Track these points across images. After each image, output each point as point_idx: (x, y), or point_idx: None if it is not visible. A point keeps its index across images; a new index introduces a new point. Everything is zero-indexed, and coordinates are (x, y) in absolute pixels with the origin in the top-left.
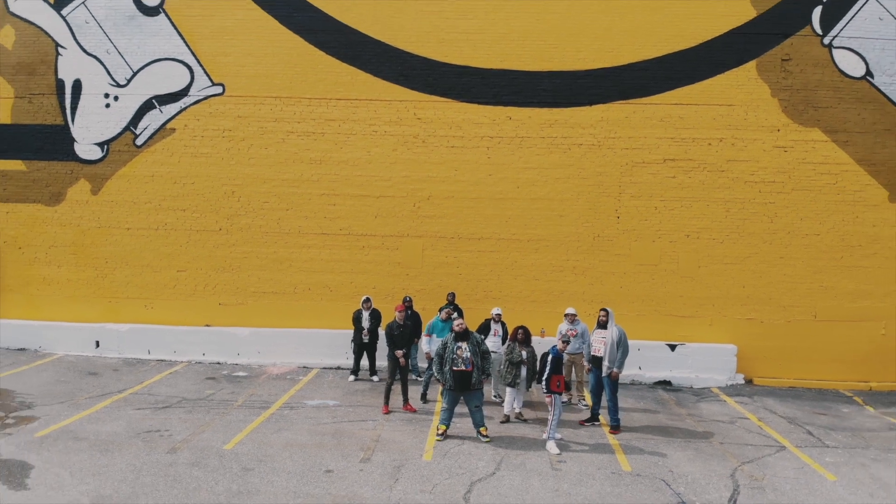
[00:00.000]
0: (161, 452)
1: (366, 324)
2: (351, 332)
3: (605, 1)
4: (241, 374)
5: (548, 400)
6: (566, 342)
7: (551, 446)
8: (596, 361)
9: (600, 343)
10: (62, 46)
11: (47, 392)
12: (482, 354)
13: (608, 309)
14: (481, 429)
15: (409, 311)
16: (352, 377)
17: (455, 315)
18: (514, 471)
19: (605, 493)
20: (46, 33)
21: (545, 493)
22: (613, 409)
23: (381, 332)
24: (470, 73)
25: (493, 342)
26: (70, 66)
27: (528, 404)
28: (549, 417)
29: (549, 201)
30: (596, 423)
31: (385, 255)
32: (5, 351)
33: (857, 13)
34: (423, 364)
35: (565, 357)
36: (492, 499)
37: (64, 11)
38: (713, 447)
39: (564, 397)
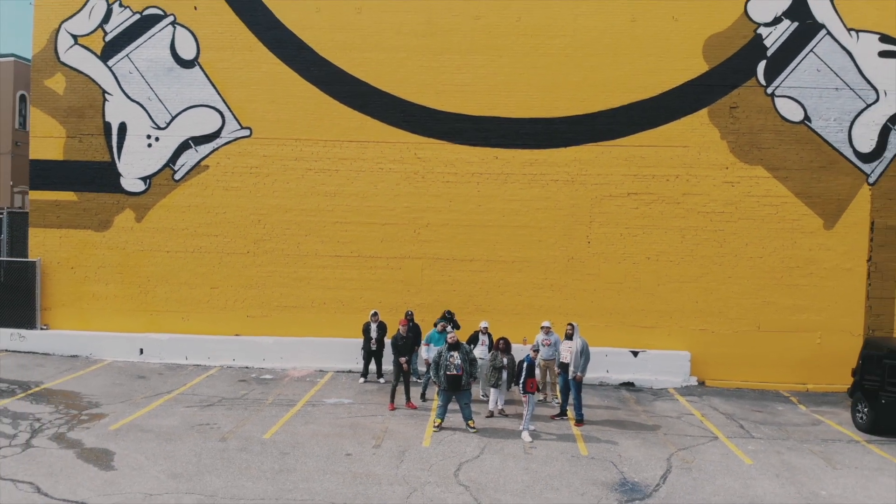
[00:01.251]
0: (214, 441)
1: (374, 334)
2: (361, 340)
3: (578, 58)
4: (267, 376)
5: (523, 399)
6: (536, 351)
7: (525, 436)
8: (563, 367)
9: (567, 352)
10: (108, 93)
11: (107, 393)
12: (470, 361)
13: (574, 323)
14: (469, 422)
15: (411, 324)
16: (361, 379)
17: (449, 328)
18: (494, 454)
19: (564, 471)
20: (94, 81)
21: (517, 471)
22: (578, 406)
23: (387, 340)
24: (463, 119)
25: (480, 350)
26: (116, 111)
27: (509, 402)
28: (524, 413)
29: (530, 229)
30: (564, 417)
31: (389, 274)
32: (59, 358)
33: (797, 66)
34: (422, 368)
35: (539, 363)
36: (476, 475)
37: (110, 62)
38: (658, 437)
39: (540, 396)
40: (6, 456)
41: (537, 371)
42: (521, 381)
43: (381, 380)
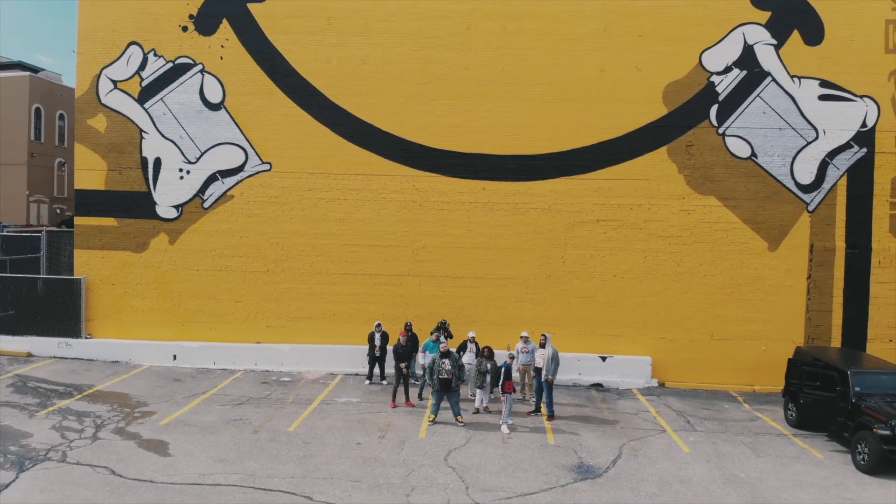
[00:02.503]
0: (247, 433)
1: (377, 342)
2: (366, 347)
3: (554, 103)
4: (286, 379)
5: (503, 398)
6: (513, 357)
7: (504, 428)
8: (538, 371)
9: (540, 358)
10: (145, 132)
11: (151, 394)
12: (459, 367)
13: (546, 334)
14: (458, 417)
15: (409, 334)
16: (367, 381)
17: (443, 338)
18: (478, 443)
19: (533, 457)
20: (132, 121)
21: (495, 456)
22: (549, 404)
23: (389, 348)
24: (454, 155)
25: (468, 357)
26: (152, 147)
27: (493, 401)
28: (503, 410)
29: (513, 250)
30: (538, 413)
31: (391, 290)
32: (103, 363)
33: (745, 109)
34: (419, 372)
35: (518, 367)
36: (462, 460)
37: (146, 105)
38: (615, 430)
39: (518, 395)
40: (80, 447)
41: (516, 374)
42: (500, 383)
43: (384, 382)
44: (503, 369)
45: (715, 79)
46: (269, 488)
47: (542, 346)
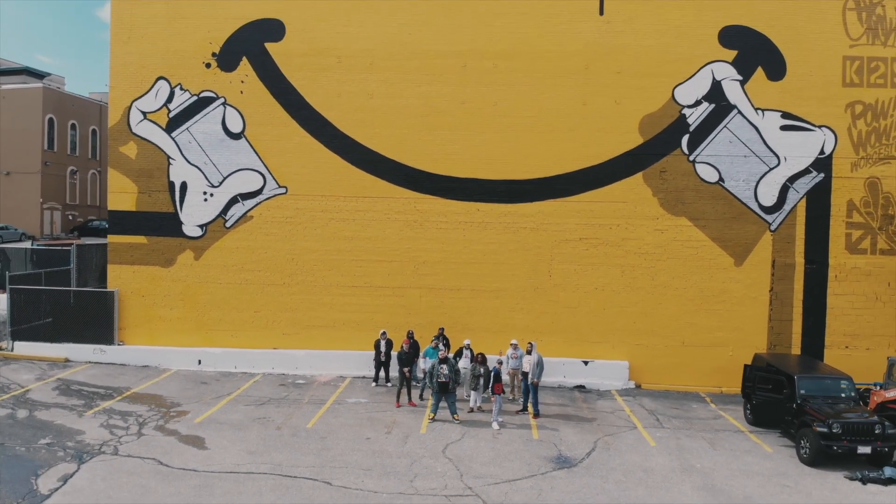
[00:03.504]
0: (271, 429)
1: (383, 348)
2: (373, 353)
3: (541, 133)
4: (300, 381)
5: (493, 399)
6: (500, 363)
7: (494, 425)
8: (525, 375)
9: (527, 363)
10: (172, 158)
11: (183, 395)
12: (455, 372)
13: (532, 342)
14: (455, 415)
15: (411, 341)
16: (373, 384)
17: (441, 346)
18: (471, 438)
19: (519, 449)
20: (160, 149)
21: (486, 449)
22: (535, 404)
23: (393, 354)
24: (452, 180)
25: (464, 362)
26: (178, 172)
27: (485, 401)
28: (494, 409)
29: (504, 265)
30: (525, 412)
31: (395, 301)
32: (134, 368)
33: (713, 139)
34: (420, 375)
35: (508, 371)
36: (457, 452)
37: (173, 134)
38: (592, 426)
39: (508, 396)
40: (128, 442)
41: (506, 378)
42: (491, 385)
43: (389, 384)
44: (493, 373)
45: (686, 111)
46: (294, 475)
47: (529, 352)
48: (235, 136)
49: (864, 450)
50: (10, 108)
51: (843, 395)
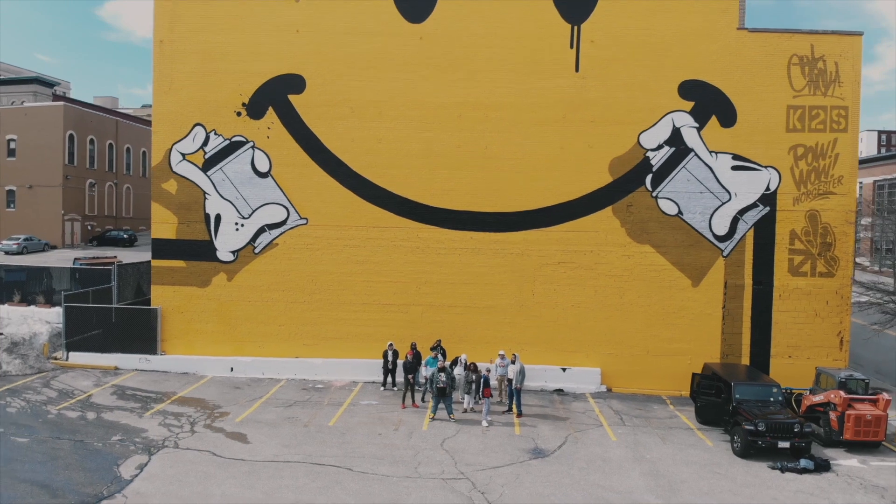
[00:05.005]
0: (300, 427)
1: (390, 357)
2: (381, 361)
3: (526, 172)
4: (319, 386)
5: (483, 402)
6: (488, 371)
7: (483, 423)
8: (510, 381)
9: (512, 371)
10: (208, 194)
11: (221, 399)
12: (451, 379)
13: (516, 353)
14: (451, 415)
15: (415, 352)
16: (382, 388)
17: (440, 357)
18: (465, 434)
19: (503, 443)
20: (197, 185)
21: (476, 443)
22: (518, 405)
23: (399, 362)
24: (449, 212)
25: (459, 370)
26: (213, 206)
27: (477, 403)
28: (483, 410)
29: (494, 285)
30: (510, 412)
31: (400, 316)
32: (175, 374)
33: (673, 177)
34: (421, 381)
35: (496, 377)
36: (453, 445)
37: (208, 173)
38: (566, 424)
39: (496, 398)
40: (184, 437)
41: (494, 383)
42: (481, 390)
43: (395, 388)
44: (483, 380)
45: (650, 154)
46: (322, 463)
47: (513, 362)
48: (263, 175)
49: (784, 444)
50: (34, 125)
51: (771, 399)
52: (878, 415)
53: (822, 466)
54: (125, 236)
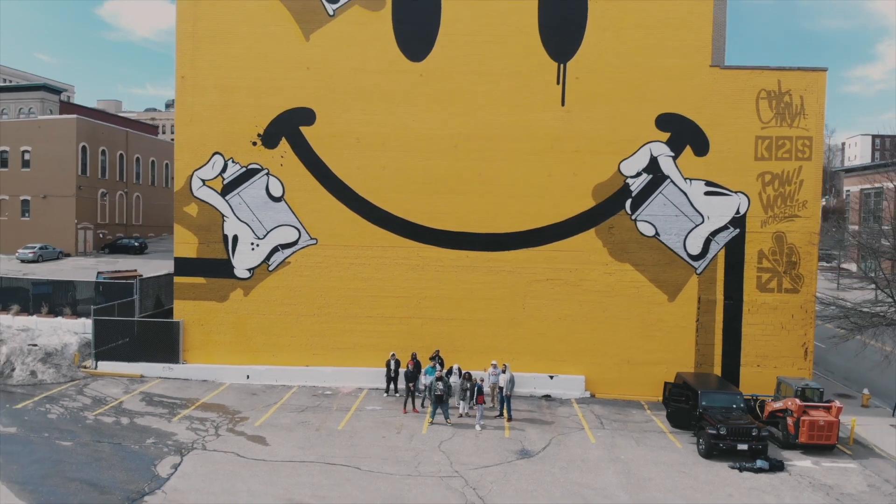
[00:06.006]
0: (312, 430)
1: (392, 366)
2: (384, 370)
3: (517, 197)
4: (328, 392)
5: (476, 407)
6: (482, 380)
7: (477, 427)
8: (501, 389)
9: (503, 380)
10: (226, 216)
11: (240, 404)
12: (448, 386)
13: (507, 364)
14: (448, 420)
15: (415, 362)
16: (385, 394)
17: (438, 366)
18: (460, 437)
19: (494, 444)
20: (216, 209)
21: (470, 445)
22: (509, 410)
23: (401, 371)
24: (447, 233)
25: (454, 378)
26: (231, 227)
27: (471, 408)
28: (476, 415)
29: (488, 300)
30: (501, 417)
31: (402, 328)
32: (196, 382)
33: (651, 202)
34: (421, 388)
35: (489, 385)
36: (449, 446)
37: (226, 197)
38: (551, 427)
39: (489, 404)
40: (210, 440)
41: (487, 390)
42: (475, 397)
43: (397, 395)
44: (477, 388)
45: (630, 181)
46: (334, 463)
47: (504, 371)
48: (277, 199)
49: (743, 446)
50: (47, 138)
51: (734, 406)
52: (830, 420)
53: (777, 466)
54: (136, 244)
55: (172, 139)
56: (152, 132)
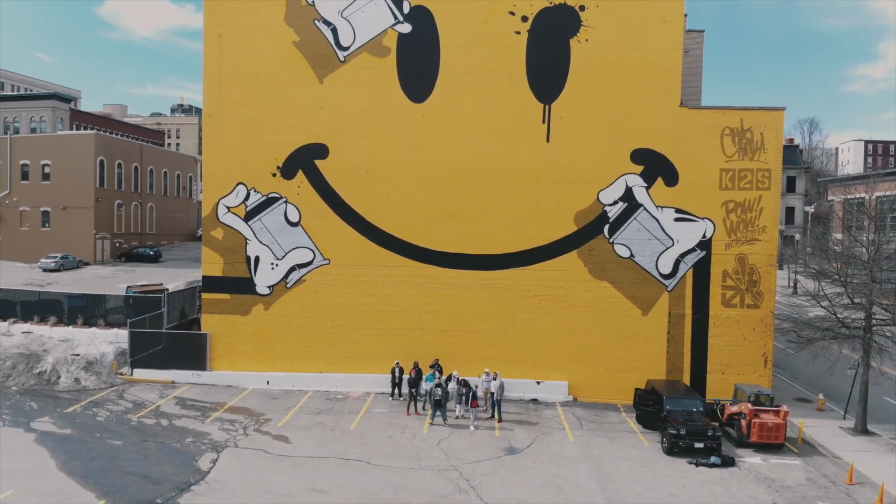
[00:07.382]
0: (328, 430)
1: (397, 373)
2: (389, 376)
3: (507, 223)
4: (339, 396)
5: (470, 410)
6: (476, 386)
7: (471, 428)
8: (492, 394)
9: (494, 386)
10: (248, 239)
11: (263, 407)
12: (445, 392)
13: (497, 372)
14: (446, 421)
15: (417, 370)
16: (390, 398)
17: (437, 374)
18: (456, 436)
19: (485, 442)
20: (240, 233)
21: (464, 443)
22: (499, 413)
23: (404, 377)
24: (446, 254)
25: (452, 384)
26: (253, 249)
27: (466, 411)
28: (471, 417)
29: (483, 314)
30: (493, 419)
31: (405, 339)
32: (222, 387)
33: (626, 227)
34: (422, 392)
35: (483, 391)
36: (447, 445)
37: (249, 223)
38: (535, 427)
39: (482, 408)
40: (241, 439)
41: (480, 395)
42: (470, 401)
43: (401, 398)
44: (472, 393)
45: (607, 208)
46: (349, 458)
47: (495, 378)
48: (294, 225)
49: (700, 445)
50: (67, 152)
51: (694, 410)
52: (777, 423)
53: (728, 462)
54: (151, 253)
55: (179, 145)
56: (159, 137)
